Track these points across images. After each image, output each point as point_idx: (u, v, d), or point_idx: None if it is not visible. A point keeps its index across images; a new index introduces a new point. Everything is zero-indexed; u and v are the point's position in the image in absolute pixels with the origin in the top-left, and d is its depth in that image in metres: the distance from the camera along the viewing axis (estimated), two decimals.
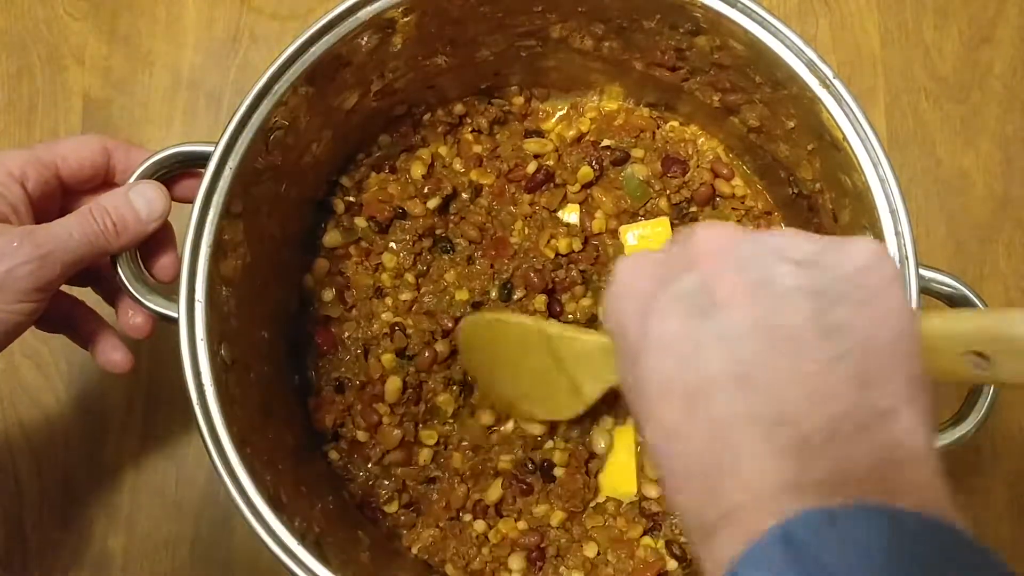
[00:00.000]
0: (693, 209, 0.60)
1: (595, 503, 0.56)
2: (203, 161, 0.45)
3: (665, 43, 0.53)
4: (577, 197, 0.60)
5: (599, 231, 0.59)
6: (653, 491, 0.55)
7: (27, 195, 0.44)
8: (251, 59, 0.65)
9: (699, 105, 0.58)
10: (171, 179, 0.47)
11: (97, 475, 0.60)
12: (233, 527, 0.59)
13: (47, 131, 0.64)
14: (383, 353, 0.56)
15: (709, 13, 0.48)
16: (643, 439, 0.32)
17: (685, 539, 0.54)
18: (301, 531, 0.44)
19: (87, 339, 0.49)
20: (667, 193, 0.60)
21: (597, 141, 0.61)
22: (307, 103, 0.49)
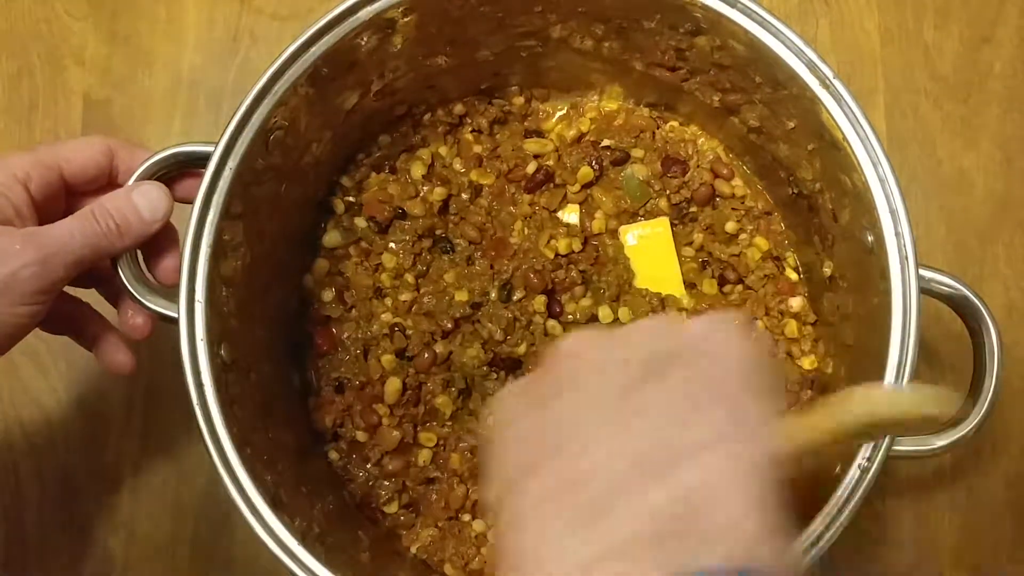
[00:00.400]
0: (693, 209, 0.60)
1: None
2: (203, 161, 0.45)
3: (665, 43, 0.53)
4: (577, 197, 0.60)
5: (599, 231, 0.59)
6: None
7: (30, 197, 0.44)
8: (251, 59, 0.65)
9: (699, 105, 0.58)
10: (171, 179, 0.48)
11: (97, 475, 0.60)
12: (233, 527, 0.59)
13: (47, 131, 0.64)
14: (383, 354, 0.56)
15: (709, 13, 0.48)
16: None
17: None
18: (301, 531, 0.44)
19: (90, 340, 0.49)
20: (667, 193, 0.60)
21: (597, 141, 0.61)
22: (307, 103, 0.49)
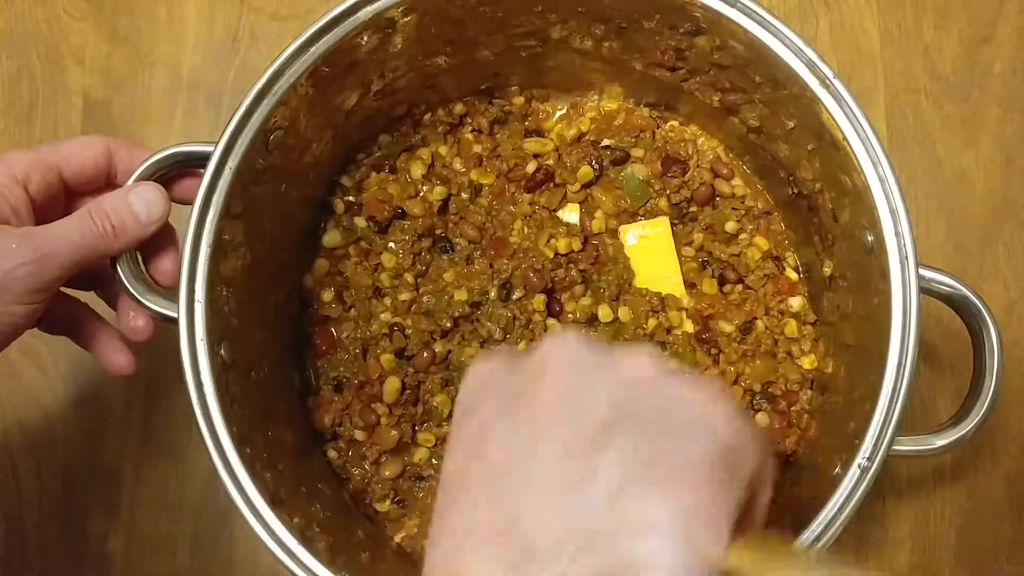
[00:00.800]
0: (693, 209, 0.60)
1: None
2: (203, 161, 0.45)
3: (665, 43, 0.53)
4: (577, 197, 0.60)
5: (599, 231, 0.59)
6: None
7: (29, 197, 0.44)
8: (251, 59, 0.65)
9: (699, 105, 0.58)
10: (171, 179, 0.47)
11: (97, 475, 0.60)
12: (233, 527, 0.59)
13: (47, 131, 0.64)
14: (382, 353, 0.56)
15: (709, 13, 0.48)
16: None
17: None
18: (300, 529, 0.44)
19: (89, 341, 0.49)
20: (667, 193, 0.60)
21: (597, 141, 0.61)
22: (307, 103, 0.49)
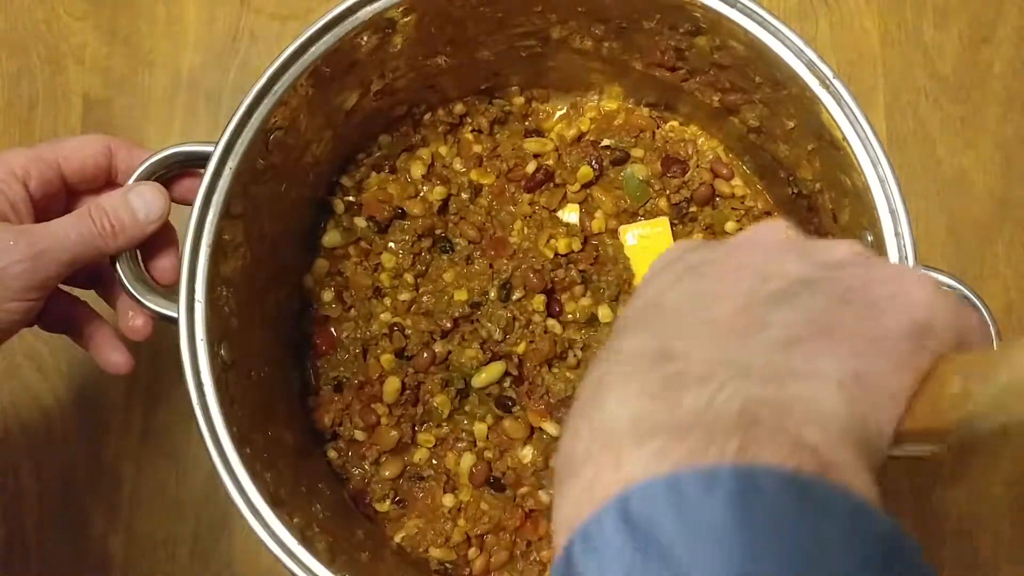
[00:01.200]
0: (693, 209, 0.60)
1: None
2: (203, 161, 0.45)
3: (665, 43, 0.53)
4: (577, 197, 0.60)
5: (599, 231, 0.59)
6: None
7: (28, 194, 0.44)
8: (251, 59, 0.65)
9: (699, 105, 0.58)
10: (171, 179, 0.47)
11: (97, 475, 0.60)
12: (233, 527, 0.59)
13: (47, 131, 0.64)
14: (382, 353, 0.56)
15: (709, 13, 0.48)
16: None
17: None
18: (300, 529, 0.44)
19: (87, 340, 0.49)
20: (667, 193, 0.60)
21: (597, 141, 0.61)
22: (307, 103, 0.49)
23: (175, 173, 0.47)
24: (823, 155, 0.50)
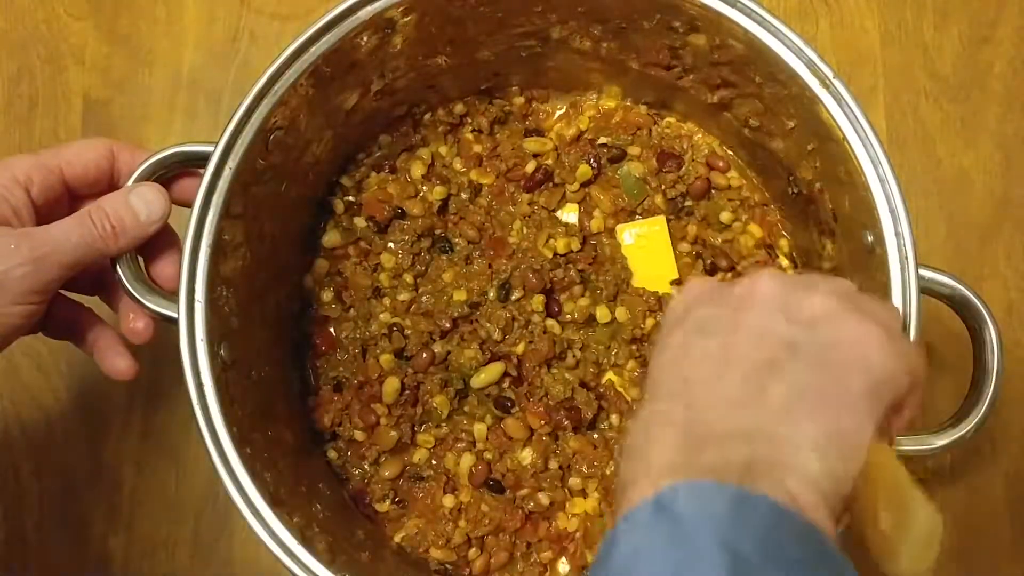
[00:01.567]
0: (689, 203, 0.60)
1: None
2: (203, 161, 0.45)
3: (663, 43, 0.53)
4: (576, 196, 0.60)
5: (597, 231, 0.59)
6: None
7: (31, 200, 0.44)
8: (251, 59, 0.65)
9: (696, 103, 0.58)
10: (171, 179, 0.48)
11: (97, 475, 0.60)
12: (233, 527, 0.59)
13: (47, 131, 0.64)
14: (381, 353, 0.56)
15: (708, 13, 0.48)
16: None
17: None
18: (300, 529, 0.44)
19: (92, 345, 0.48)
20: (662, 189, 0.60)
21: (594, 139, 0.61)
22: (307, 103, 0.49)
23: (175, 173, 0.47)
24: (823, 155, 0.50)
